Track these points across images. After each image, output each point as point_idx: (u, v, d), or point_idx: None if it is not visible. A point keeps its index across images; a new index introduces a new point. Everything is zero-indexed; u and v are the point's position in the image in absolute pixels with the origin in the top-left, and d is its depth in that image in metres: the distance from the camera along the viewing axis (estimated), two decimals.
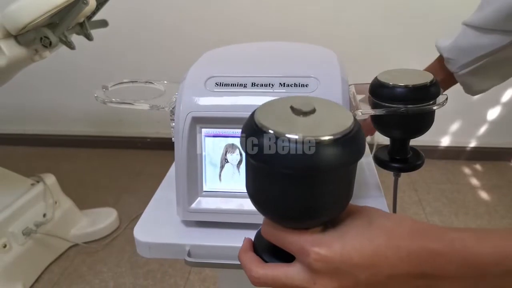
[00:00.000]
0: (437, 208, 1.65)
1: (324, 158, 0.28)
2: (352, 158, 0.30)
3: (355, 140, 0.30)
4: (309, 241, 0.31)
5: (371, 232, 0.31)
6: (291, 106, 0.32)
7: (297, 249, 0.32)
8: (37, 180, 1.40)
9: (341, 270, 0.31)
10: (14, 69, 1.16)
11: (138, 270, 1.38)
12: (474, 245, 0.30)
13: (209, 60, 0.57)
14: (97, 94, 0.55)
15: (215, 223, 0.53)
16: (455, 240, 0.30)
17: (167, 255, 0.52)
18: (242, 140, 0.31)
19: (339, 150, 0.29)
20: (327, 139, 0.28)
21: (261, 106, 0.33)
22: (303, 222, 0.32)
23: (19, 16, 0.95)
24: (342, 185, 0.32)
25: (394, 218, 0.33)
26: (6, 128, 2.19)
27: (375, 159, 0.58)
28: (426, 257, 0.30)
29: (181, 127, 0.49)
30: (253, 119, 0.31)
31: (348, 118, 0.31)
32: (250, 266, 0.34)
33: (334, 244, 0.31)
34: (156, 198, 0.60)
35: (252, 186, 0.33)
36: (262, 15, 1.76)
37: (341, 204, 0.33)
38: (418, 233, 0.31)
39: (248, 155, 0.31)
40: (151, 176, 1.87)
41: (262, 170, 0.31)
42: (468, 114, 1.91)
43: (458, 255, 0.30)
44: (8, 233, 1.24)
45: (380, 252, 0.30)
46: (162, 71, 1.86)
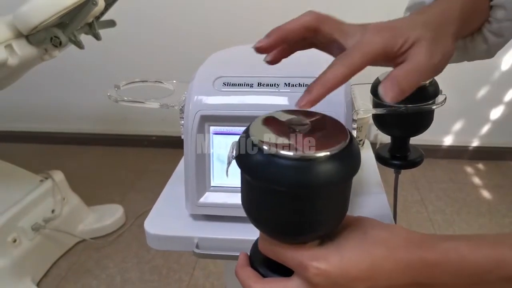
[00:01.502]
0: (439, 207, 1.67)
1: (320, 175, 0.28)
2: (348, 173, 0.30)
3: (351, 156, 0.30)
4: (307, 255, 0.32)
5: (367, 244, 0.32)
6: (286, 122, 0.32)
7: (295, 264, 0.32)
8: (46, 177, 1.43)
9: (340, 284, 0.31)
10: (24, 68, 1.19)
11: (144, 266, 1.40)
12: (467, 254, 0.30)
13: (217, 61, 0.60)
14: (110, 93, 0.57)
15: (222, 217, 0.55)
16: (450, 250, 0.31)
17: (176, 247, 0.55)
18: (236, 156, 0.31)
19: (335, 166, 0.28)
20: (323, 156, 0.28)
21: (256, 121, 0.32)
22: (300, 237, 0.32)
23: (30, 16, 0.98)
24: (338, 200, 0.32)
25: (389, 228, 0.33)
26: (15, 126, 2.23)
27: (377, 156, 0.60)
28: (422, 268, 0.31)
29: (190, 125, 0.51)
30: (248, 135, 0.31)
31: (343, 133, 0.31)
32: (249, 282, 0.34)
33: (332, 258, 0.31)
34: (165, 193, 0.63)
35: (247, 202, 0.33)
36: (267, 17, 1.78)
37: (337, 218, 0.33)
38: (413, 243, 0.32)
39: (243, 172, 0.31)
40: (157, 173, 1.90)
41: (257, 187, 0.31)
42: (471, 113, 1.92)
43: (452, 264, 0.30)
44: (18, 228, 1.26)
45: (378, 264, 0.31)
46: (166, 71, 1.89)
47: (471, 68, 1.82)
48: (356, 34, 0.35)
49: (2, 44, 0.98)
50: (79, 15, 1.04)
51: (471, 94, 1.87)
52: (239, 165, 0.30)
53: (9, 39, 1.00)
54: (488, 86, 1.85)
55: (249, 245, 0.53)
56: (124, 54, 1.94)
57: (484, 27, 0.44)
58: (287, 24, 0.36)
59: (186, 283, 1.33)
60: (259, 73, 0.53)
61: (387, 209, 0.58)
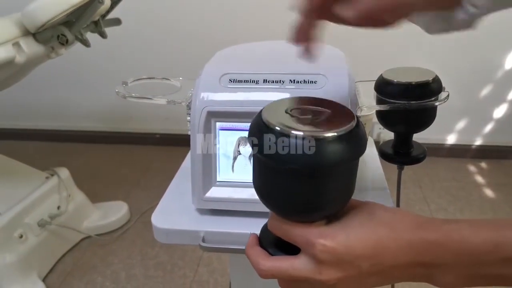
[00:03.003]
0: (442, 205, 1.67)
1: (328, 154, 0.29)
2: (354, 154, 0.31)
3: (357, 137, 0.31)
4: (314, 233, 0.33)
5: (373, 224, 0.33)
6: (296, 106, 0.33)
7: (303, 241, 0.33)
8: (52, 174, 1.44)
9: (345, 261, 0.32)
10: (31, 66, 1.20)
11: (149, 262, 1.42)
12: (469, 235, 0.31)
13: (223, 58, 0.61)
14: (118, 89, 0.58)
15: (228, 211, 0.56)
16: (452, 231, 0.32)
17: (182, 241, 0.56)
18: (250, 136, 0.32)
19: (342, 146, 0.30)
20: (330, 136, 0.29)
21: (268, 105, 0.34)
22: (308, 216, 0.34)
23: (38, 15, 0.99)
24: (345, 179, 0.33)
25: (394, 211, 0.35)
26: (22, 124, 2.25)
27: (380, 152, 0.61)
28: (425, 247, 0.32)
29: (197, 121, 0.52)
30: (260, 117, 0.32)
31: (350, 116, 0.32)
32: (257, 259, 0.35)
33: (338, 236, 0.32)
34: (171, 189, 0.64)
35: (258, 181, 0.35)
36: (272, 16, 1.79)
37: (344, 198, 0.34)
38: (417, 225, 0.33)
39: (255, 150, 0.32)
40: (160, 171, 1.91)
41: (268, 166, 0.32)
42: (474, 112, 1.92)
43: (454, 244, 0.31)
44: (24, 224, 1.28)
45: (383, 243, 0.32)
46: (171, 69, 1.90)
47: (475, 66, 1.83)
48: None
49: (10, 41, 1.00)
50: (86, 13, 1.05)
51: (475, 93, 1.87)
52: (251, 145, 0.32)
53: (16, 37, 1.02)
54: (491, 84, 1.85)
55: None
56: (130, 52, 1.95)
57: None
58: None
59: (191, 279, 1.34)
60: (264, 70, 0.54)
61: (390, 204, 0.59)
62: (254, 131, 0.32)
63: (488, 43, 1.73)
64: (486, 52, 1.77)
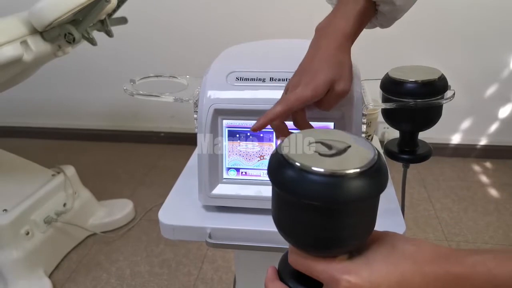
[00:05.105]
0: (446, 205, 1.67)
1: (350, 191, 0.29)
2: (376, 190, 0.30)
3: (380, 171, 0.30)
4: (338, 269, 0.32)
5: (396, 258, 0.33)
6: (314, 139, 0.33)
7: (326, 277, 0.33)
8: (58, 171, 1.45)
9: None
10: (38, 64, 1.21)
11: (153, 259, 1.43)
12: (495, 267, 0.31)
13: (230, 56, 0.61)
14: (126, 86, 0.59)
15: (234, 208, 0.56)
16: (477, 264, 0.31)
17: (189, 237, 0.56)
18: (269, 170, 0.32)
19: (364, 182, 0.29)
20: (352, 172, 0.29)
21: (286, 139, 0.33)
22: (330, 251, 0.33)
23: (45, 13, 1.00)
24: (368, 215, 0.33)
25: (415, 243, 0.34)
26: (28, 122, 2.26)
27: (385, 150, 0.61)
28: (450, 281, 0.31)
29: (204, 118, 0.53)
30: (280, 151, 0.32)
31: (370, 150, 0.32)
32: None
33: (362, 272, 0.32)
34: (178, 186, 0.64)
35: (278, 216, 0.34)
36: (277, 15, 1.79)
37: (366, 232, 0.34)
38: (441, 257, 0.33)
39: (275, 186, 0.32)
40: (165, 169, 1.92)
41: (289, 201, 0.32)
42: (479, 112, 1.91)
43: (480, 278, 0.31)
44: (31, 221, 1.29)
45: (406, 278, 0.32)
46: (177, 67, 1.91)
47: (480, 66, 1.82)
48: None
49: (17, 40, 1.01)
50: (92, 12, 1.06)
51: (480, 92, 1.87)
52: (271, 180, 0.31)
53: (24, 35, 1.03)
54: (496, 84, 1.84)
55: (260, 236, 0.54)
56: (137, 51, 1.96)
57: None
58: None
59: (195, 276, 1.35)
60: (271, 68, 0.54)
61: (395, 202, 0.59)
62: (274, 166, 0.31)
63: (494, 43, 1.73)
64: (492, 51, 1.77)
